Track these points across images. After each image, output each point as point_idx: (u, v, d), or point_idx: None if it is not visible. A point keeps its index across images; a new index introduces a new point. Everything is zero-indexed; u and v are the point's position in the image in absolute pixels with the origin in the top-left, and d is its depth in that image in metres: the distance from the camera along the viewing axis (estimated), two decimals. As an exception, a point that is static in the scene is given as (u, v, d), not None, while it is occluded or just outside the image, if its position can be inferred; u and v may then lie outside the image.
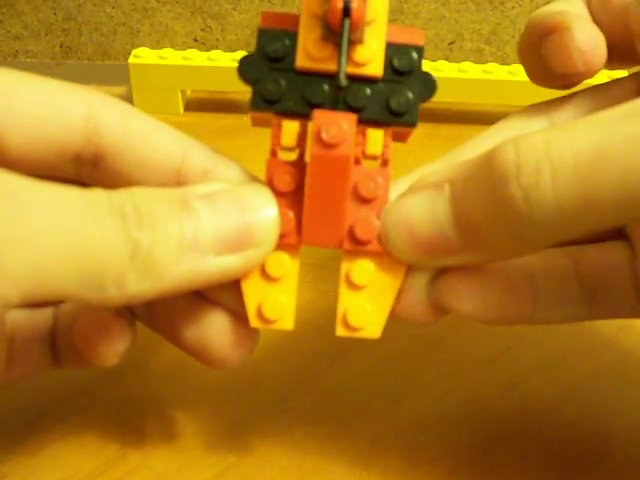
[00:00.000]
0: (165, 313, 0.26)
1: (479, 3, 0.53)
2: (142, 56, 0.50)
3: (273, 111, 0.24)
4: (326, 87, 0.23)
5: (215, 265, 0.22)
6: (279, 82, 0.24)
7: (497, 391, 0.32)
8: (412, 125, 0.24)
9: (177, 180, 0.24)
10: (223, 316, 0.25)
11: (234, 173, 0.25)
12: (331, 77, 0.23)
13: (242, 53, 0.52)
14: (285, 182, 0.24)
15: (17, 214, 0.19)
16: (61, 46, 0.56)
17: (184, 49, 0.53)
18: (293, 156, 0.24)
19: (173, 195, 0.22)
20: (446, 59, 0.54)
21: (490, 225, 0.21)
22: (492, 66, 0.50)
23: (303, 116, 0.24)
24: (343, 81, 0.22)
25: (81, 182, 0.25)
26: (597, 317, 0.27)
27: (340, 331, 0.25)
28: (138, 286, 0.21)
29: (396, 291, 0.25)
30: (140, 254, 0.21)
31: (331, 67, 0.23)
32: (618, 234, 0.27)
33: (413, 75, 0.24)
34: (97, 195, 0.21)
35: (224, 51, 0.52)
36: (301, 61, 0.23)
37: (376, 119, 0.24)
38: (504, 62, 0.53)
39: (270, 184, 0.24)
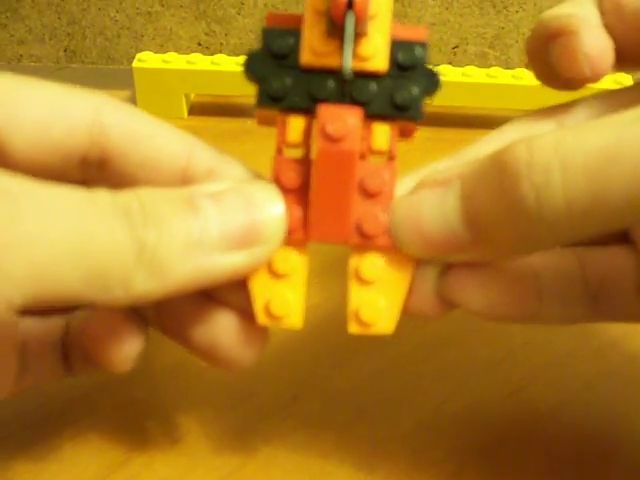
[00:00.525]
0: (174, 315, 0.26)
1: (483, 7, 0.53)
2: (146, 60, 0.51)
3: (279, 108, 0.24)
4: (331, 83, 0.23)
5: (222, 263, 0.22)
6: (284, 79, 0.24)
7: (501, 394, 0.32)
8: (417, 120, 0.24)
9: (183, 180, 0.24)
10: (231, 316, 0.25)
11: (239, 171, 0.25)
12: (336, 73, 0.23)
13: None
14: (291, 179, 0.24)
15: (16, 215, 0.19)
16: (65, 50, 0.56)
17: (188, 53, 0.53)
18: (299, 153, 0.24)
19: (178, 194, 0.22)
20: (450, 63, 0.54)
21: (499, 223, 0.21)
22: (496, 70, 0.50)
23: (309, 112, 0.24)
24: (348, 71, 0.22)
25: (88, 185, 0.25)
26: (599, 319, 0.27)
27: (353, 328, 0.25)
28: (144, 285, 0.21)
29: (407, 285, 0.24)
30: (146, 253, 0.21)
31: (336, 62, 0.23)
32: (624, 238, 0.27)
33: (417, 70, 0.24)
34: (100, 195, 0.21)
35: (228, 55, 0.52)
36: (306, 57, 0.23)
37: (381, 114, 0.24)
38: (508, 66, 0.54)
39: (276, 181, 0.24)
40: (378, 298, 0.24)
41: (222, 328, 0.25)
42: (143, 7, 0.54)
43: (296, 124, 0.24)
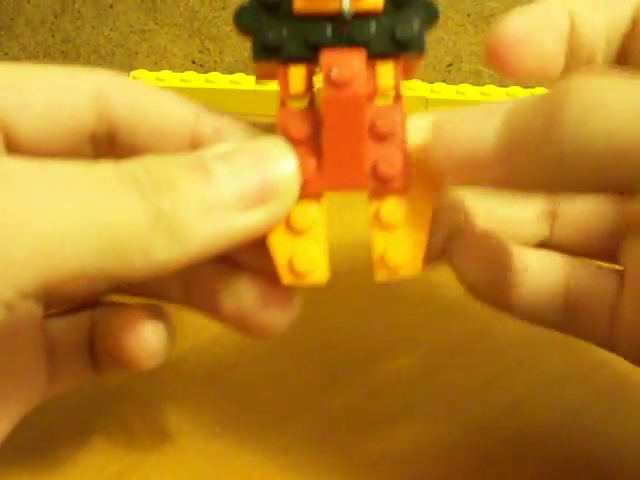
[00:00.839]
0: (201, 288, 0.26)
1: (477, 25, 0.53)
2: (140, 78, 0.51)
3: (277, 59, 0.23)
4: (328, 27, 0.23)
5: (240, 223, 0.22)
6: (279, 29, 0.23)
7: (493, 415, 0.32)
8: (420, 52, 0.24)
9: (192, 144, 0.24)
10: (256, 280, 0.25)
11: (246, 129, 0.24)
12: (332, 17, 0.23)
13: (240, 75, 0.52)
14: (299, 129, 0.23)
15: (14, 194, 0.19)
16: (59, 68, 0.56)
17: (182, 71, 0.53)
18: (303, 103, 0.24)
19: (188, 159, 0.22)
20: (444, 81, 0.54)
21: (531, 144, 0.21)
22: (490, 88, 0.50)
23: (308, 60, 0.23)
24: (347, 10, 0.22)
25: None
26: (570, 333, 0.27)
27: (380, 275, 0.24)
28: (165, 253, 0.21)
29: (428, 226, 0.24)
30: (163, 218, 0.20)
31: (330, 6, 0.23)
32: (614, 258, 0.27)
33: (414, 4, 0.23)
34: (104, 165, 0.21)
35: (222, 73, 0.52)
36: (299, 3, 0.23)
37: (384, 52, 0.23)
38: (502, 84, 0.54)
39: (284, 133, 0.23)
40: (402, 241, 0.24)
41: (248, 293, 0.25)
42: (137, 25, 0.54)
43: (297, 74, 0.24)
